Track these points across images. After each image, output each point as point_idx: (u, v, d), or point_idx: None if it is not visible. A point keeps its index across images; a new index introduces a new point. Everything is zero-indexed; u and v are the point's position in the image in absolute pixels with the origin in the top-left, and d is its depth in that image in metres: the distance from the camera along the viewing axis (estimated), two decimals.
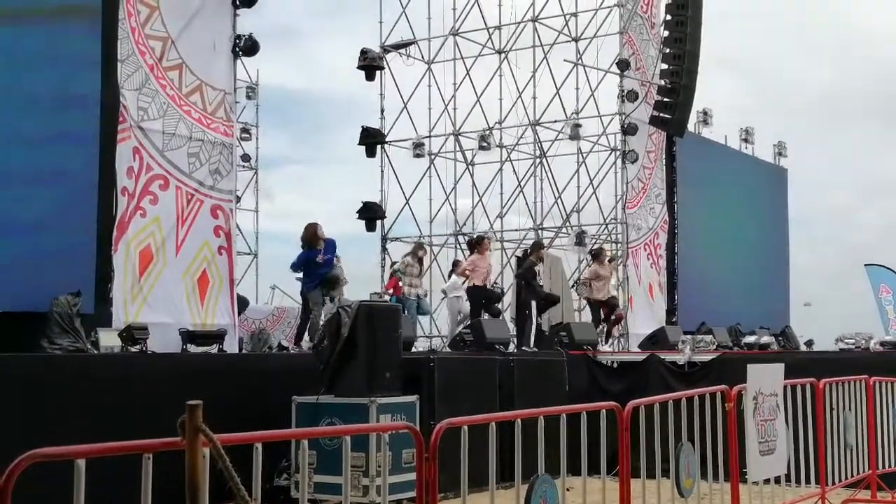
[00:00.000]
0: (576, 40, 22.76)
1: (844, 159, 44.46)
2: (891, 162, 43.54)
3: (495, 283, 23.10)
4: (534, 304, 16.30)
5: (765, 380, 7.59)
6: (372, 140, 22.23)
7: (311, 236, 13.51)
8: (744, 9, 43.63)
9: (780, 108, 45.50)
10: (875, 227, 44.11)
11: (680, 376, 12.54)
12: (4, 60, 10.09)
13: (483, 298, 16.17)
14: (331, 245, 13.62)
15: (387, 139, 22.89)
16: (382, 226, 22.95)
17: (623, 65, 20.87)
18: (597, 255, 18.81)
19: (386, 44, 23.15)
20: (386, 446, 6.35)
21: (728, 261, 24.14)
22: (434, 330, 21.68)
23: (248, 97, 25.03)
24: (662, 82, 20.01)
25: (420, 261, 17.04)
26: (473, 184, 24.17)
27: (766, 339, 15.35)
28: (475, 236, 18.49)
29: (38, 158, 10.30)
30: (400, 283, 16.71)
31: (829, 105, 48.34)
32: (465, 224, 23.98)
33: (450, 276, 18.94)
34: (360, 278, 22.80)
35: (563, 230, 22.82)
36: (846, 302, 27.14)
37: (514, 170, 23.99)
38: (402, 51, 23.34)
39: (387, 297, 15.74)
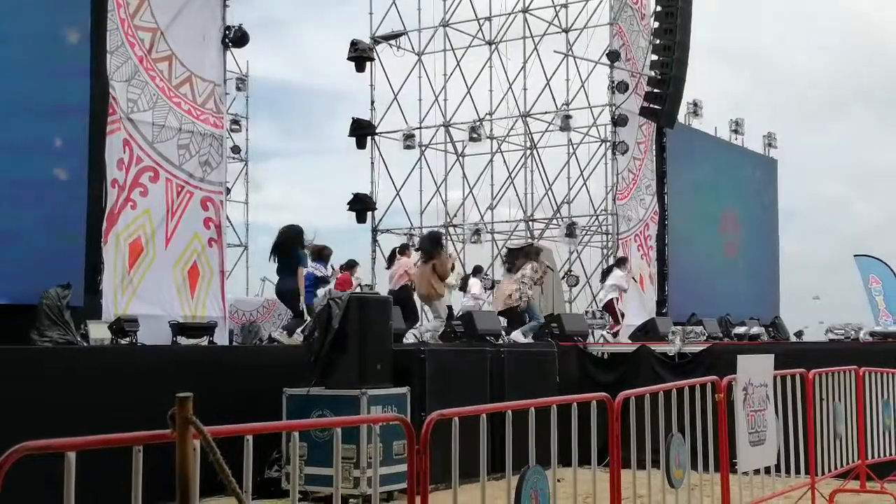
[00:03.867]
0: (566, 31, 22.78)
1: (837, 149, 44.54)
2: (884, 152, 43.60)
3: (486, 274, 23.16)
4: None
5: (755, 370, 7.61)
6: (362, 131, 22.24)
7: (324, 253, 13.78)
8: None
9: (772, 96, 45.60)
10: (868, 217, 44.23)
11: (670, 367, 12.56)
12: None
13: None
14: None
15: (377, 130, 22.90)
16: (373, 217, 22.98)
17: (613, 56, 20.88)
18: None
19: (376, 35, 23.15)
20: (377, 438, 6.35)
21: (718, 252, 24.19)
22: None
23: (238, 88, 24.98)
24: (653, 73, 20.04)
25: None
26: (464, 175, 24.20)
27: (756, 329, 15.38)
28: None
29: (27, 151, 10.27)
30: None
31: (823, 94, 48.42)
32: (455, 215, 24.00)
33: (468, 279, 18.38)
34: None
35: (554, 221, 22.85)
36: (838, 292, 27.18)
37: (504, 161, 24.03)
38: (392, 42, 23.34)
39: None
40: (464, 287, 17.87)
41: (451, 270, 14.85)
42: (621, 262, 18.33)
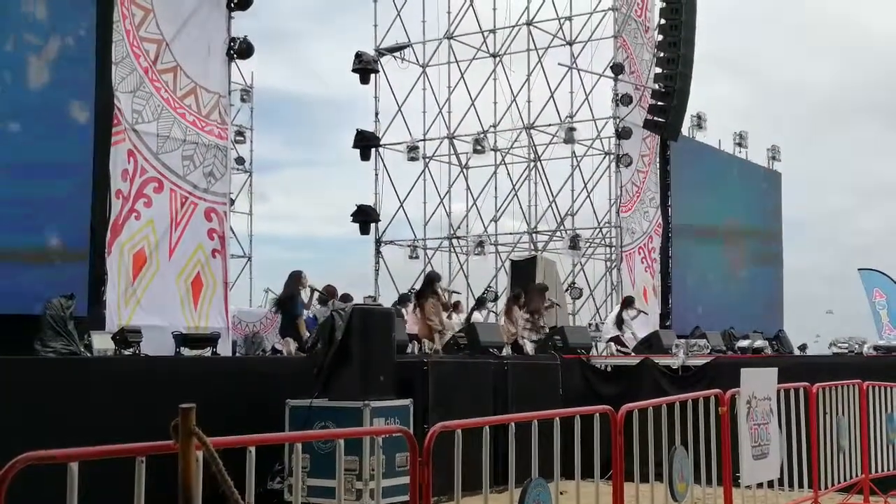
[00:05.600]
0: (570, 44, 22.80)
1: (842, 161, 44.51)
2: (889, 164, 43.57)
3: (489, 287, 23.16)
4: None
5: (758, 384, 7.60)
6: (366, 143, 22.28)
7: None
8: (741, 10, 43.77)
9: (776, 109, 45.64)
10: (872, 230, 44.19)
11: (674, 380, 12.54)
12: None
13: None
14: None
15: (381, 142, 22.93)
16: (376, 229, 22.99)
17: (617, 68, 20.91)
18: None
19: (380, 47, 23.20)
20: (380, 450, 6.35)
21: (722, 265, 24.18)
22: None
23: (243, 100, 25.03)
24: (657, 86, 20.07)
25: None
26: (468, 187, 24.20)
27: (759, 343, 15.35)
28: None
29: (32, 160, 10.28)
30: None
31: (827, 106, 48.46)
32: (458, 227, 24.01)
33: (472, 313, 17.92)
34: (354, 282, 22.86)
35: (558, 234, 22.85)
36: (842, 306, 27.19)
37: (508, 173, 24.05)
38: (397, 54, 23.38)
39: None
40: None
41: (448, 307, 14.92)
42: (628, 304, 18.22)
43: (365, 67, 21.70)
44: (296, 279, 13.20)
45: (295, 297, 13.08)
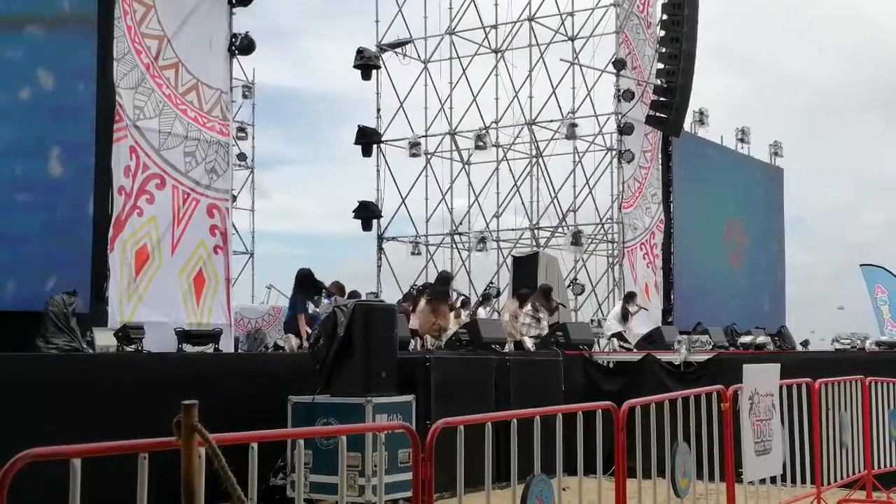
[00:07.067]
0: (572, 39, 22.78)
1: (844, 157, 44.52)
2: (891, 160, 43.60)
3: (491, 282, 23.16)
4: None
5: (761, 380, 7.59)
6: (368, 139, 22.29)
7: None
8: (743, 5, 43.75)
9: (778, 103, 45.61)
10: (874, 225, 44.20)
11: (676, 376, 12.52)
12: (1, 58, 10.08)
13: None
14: None
15: (383, 138, 22.94)
16: (379, 225, 22.99)
17: (619, 64, 20.90)
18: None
19: (382, 43, 23.19)
20: (382, 446, 6.34)
21: (724, 261, 24.17)
22: None
23: (245, 96, 25.03)
24: (659, 82, 20.03)
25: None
26: (470, 183, 24.21)
27: (761, 339, 15.30)
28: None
29: (34, 158, 10.29)
30: None
31: (829, 102, 48.45)
32: (461, 223, 24.01)
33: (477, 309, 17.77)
34: (357, 278, 22.88)
35: (560, 230, 22.84)
36: (844, 301, 27.17)
37: (510, 169, 24.05)
38: (399, 50, 23.39)
39: None
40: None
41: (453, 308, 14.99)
42: (629, 298, 18.18)
43: (366, 63, 21.72)
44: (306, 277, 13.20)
45: (296, 293, 13.07)
